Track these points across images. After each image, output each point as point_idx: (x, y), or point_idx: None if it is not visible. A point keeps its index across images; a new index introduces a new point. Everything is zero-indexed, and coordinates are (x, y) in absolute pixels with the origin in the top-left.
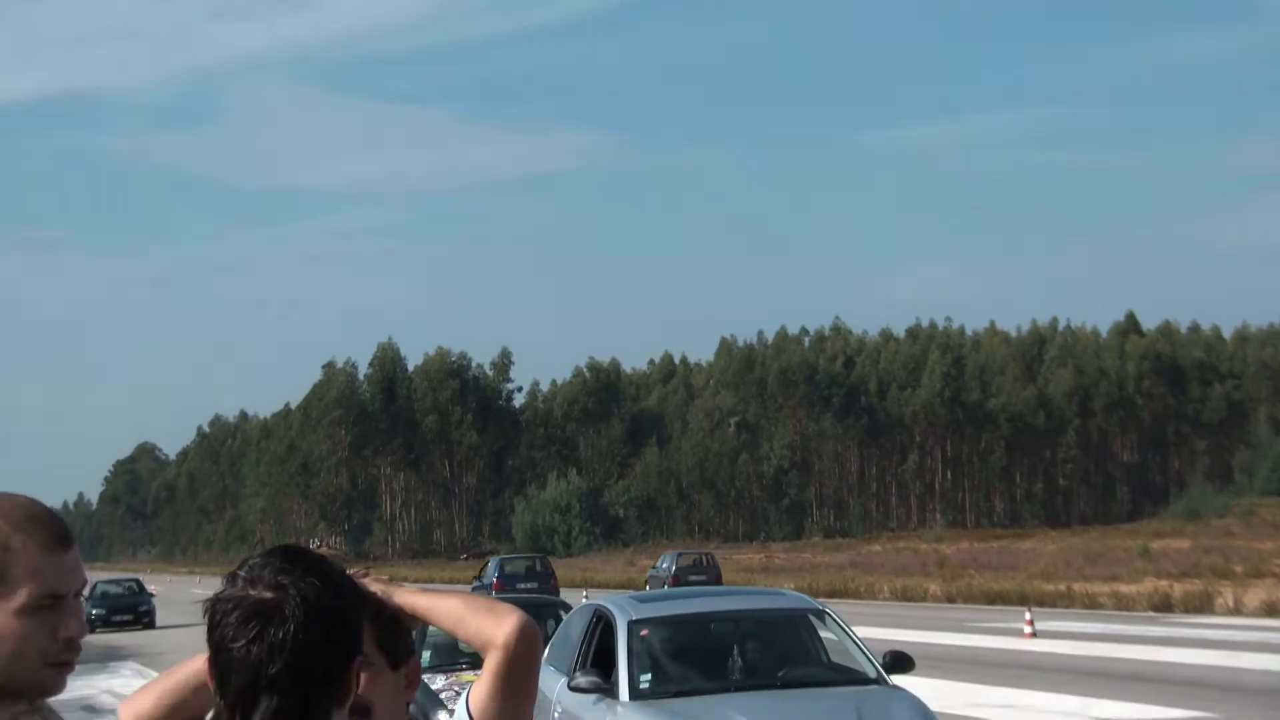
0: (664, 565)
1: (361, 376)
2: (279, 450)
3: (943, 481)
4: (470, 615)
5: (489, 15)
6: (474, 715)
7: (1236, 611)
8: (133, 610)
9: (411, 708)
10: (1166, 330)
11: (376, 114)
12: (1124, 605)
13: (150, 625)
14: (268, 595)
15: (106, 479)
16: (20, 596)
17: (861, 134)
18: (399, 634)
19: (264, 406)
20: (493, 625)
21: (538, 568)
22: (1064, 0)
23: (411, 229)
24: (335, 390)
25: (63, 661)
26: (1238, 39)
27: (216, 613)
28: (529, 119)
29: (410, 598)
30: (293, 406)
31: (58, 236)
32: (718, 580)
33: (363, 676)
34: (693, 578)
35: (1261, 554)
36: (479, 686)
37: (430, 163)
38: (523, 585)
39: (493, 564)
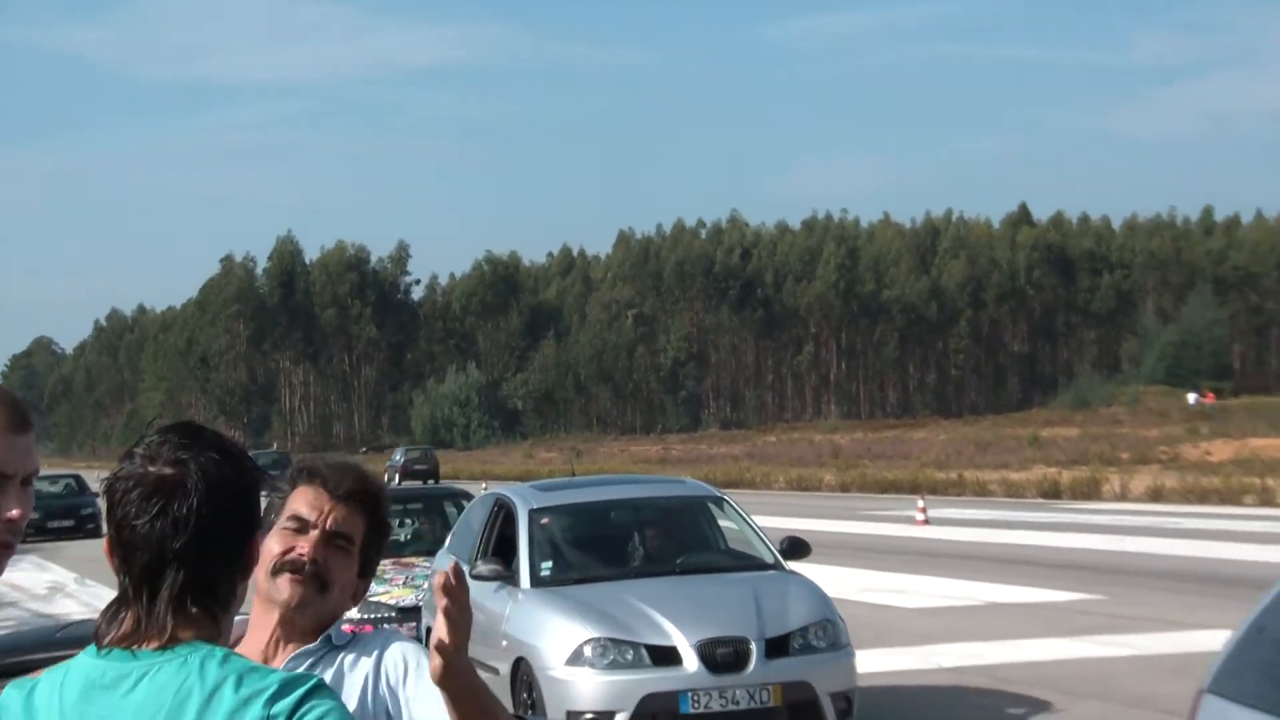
0: (397, 458)
1: (260, 270)
2: (177, 344)
3: (837, 372)
4: None
5: None
6: None
7: (1123, 497)
8: (73, 514)
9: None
10: (1057, 221)
11: (279, 6)
12: (1014, 492)
13: (95, 533)
14: (168, 471)
15: (2, 374)
16: None
17: (761, 27)
18: (379, 550)
19: (161, 301)
20: None
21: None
22: None
23: (311, 122)
24: (234, 284)
25: (3, 542)
26: None
27: (117, 491)
28: (431, 11)
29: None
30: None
31: None
32: (435, 470)
33: (348, 563)
34: (417, 468)
35: (1147, 441)
36: None
37: (331, 56)
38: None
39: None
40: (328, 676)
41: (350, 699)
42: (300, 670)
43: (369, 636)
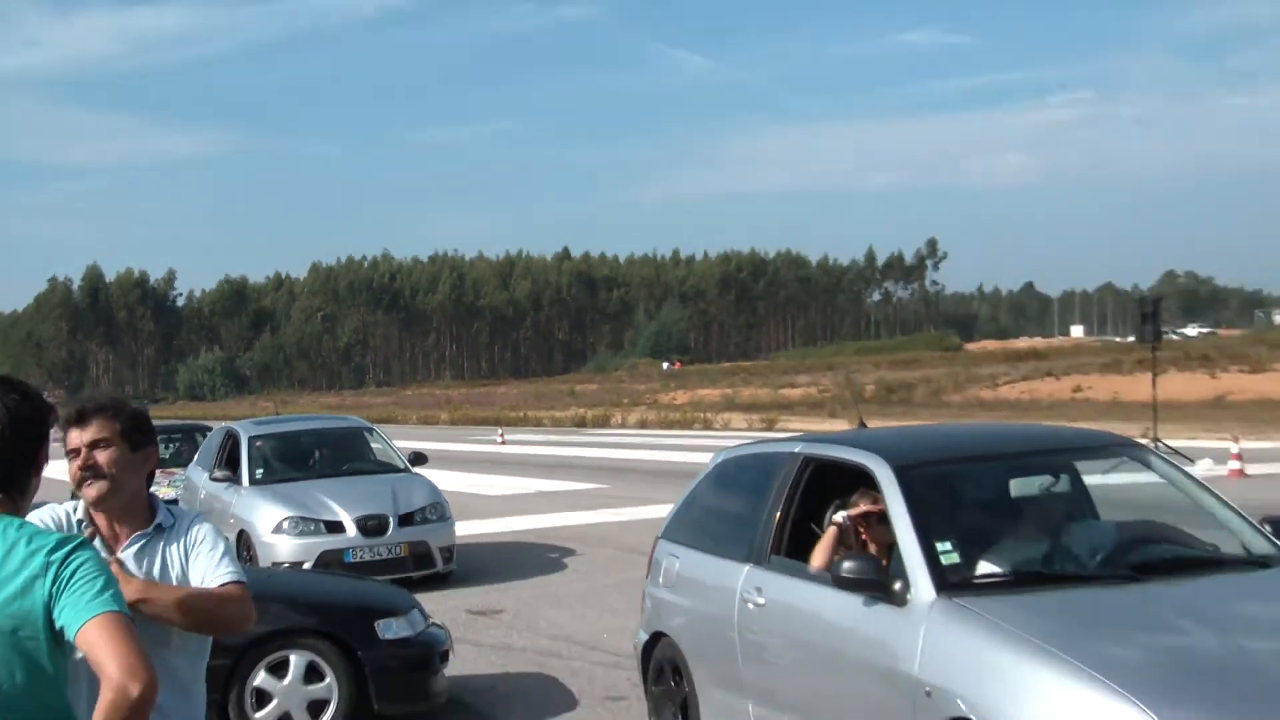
0: None
1: (75, 287)
2: (19, 335)
3: (451, 351)
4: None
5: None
6: None
7: (623, 425)
8: None
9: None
10: (587, 257)
11: (77, 114)
12: (558, 424)
13: None
14: None
15: None
16: None
17: (411, 133)
18: (139, 429)
19: (7, 306)
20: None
21: None
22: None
23: (109, 192)
24: (58, 295)
25: None
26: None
27: None
28: (181, 118)
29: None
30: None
31: None
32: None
33: (110, 453)
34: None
35: (638, 392)
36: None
37: (117, 148)
38: None
39: None
40: (156, 552)
41: (174, 568)
42: (134, 550)
43: (182, 519)
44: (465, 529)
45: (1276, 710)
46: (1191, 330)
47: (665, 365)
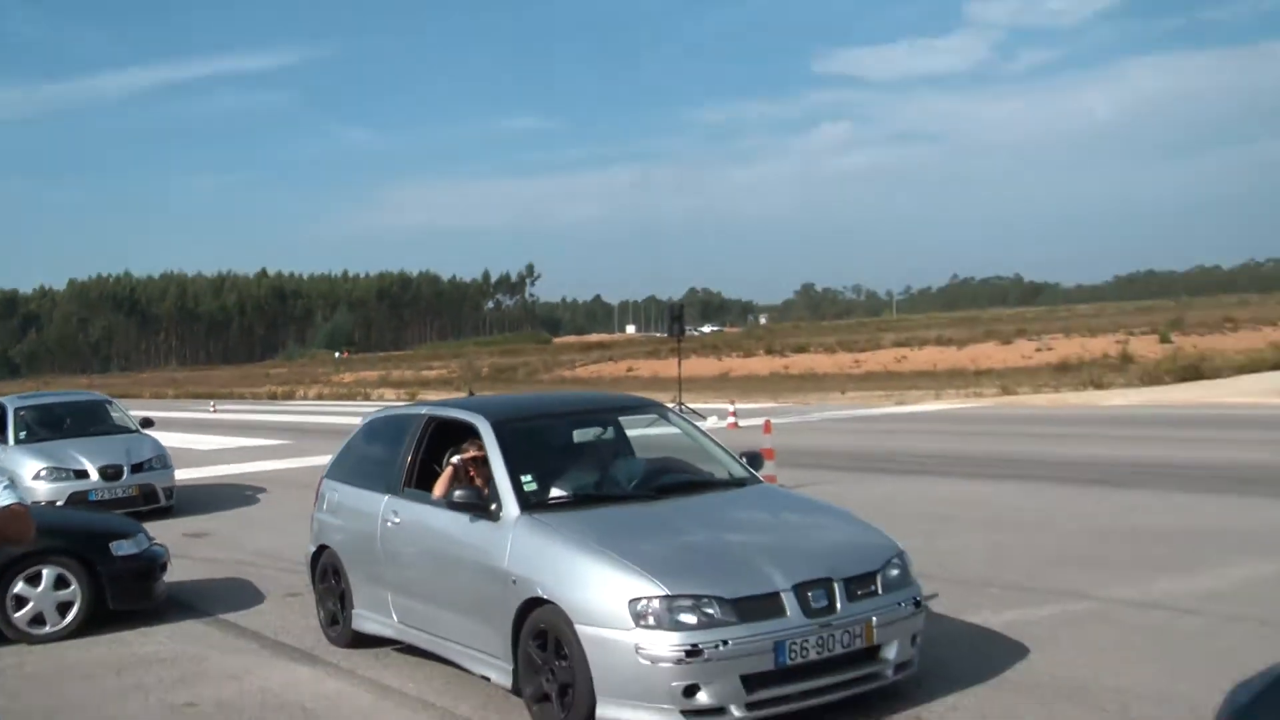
0: None
1: None
2: None
3: (177, 345)
4: None
5: None
6: None
7: (305, 398)
8: None
9: None
10: (279, 275)
11: None
12: (257, 397)
13: None
14: None
15: None
16: None
17: (152, 180)
18: None
19: None
20: None
21: None
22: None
23: None
24: None
25: None
26: None
27: None
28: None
29: None
30: None
31: None
32: None
33: None
34: None
35: (317, 374)
36: None
37: None
38: None
39: None
40: None
41: None
42: None
43: None
44: (183, 474)
45: (739, 575)
46: (706, 328)
47: (337, 355)
